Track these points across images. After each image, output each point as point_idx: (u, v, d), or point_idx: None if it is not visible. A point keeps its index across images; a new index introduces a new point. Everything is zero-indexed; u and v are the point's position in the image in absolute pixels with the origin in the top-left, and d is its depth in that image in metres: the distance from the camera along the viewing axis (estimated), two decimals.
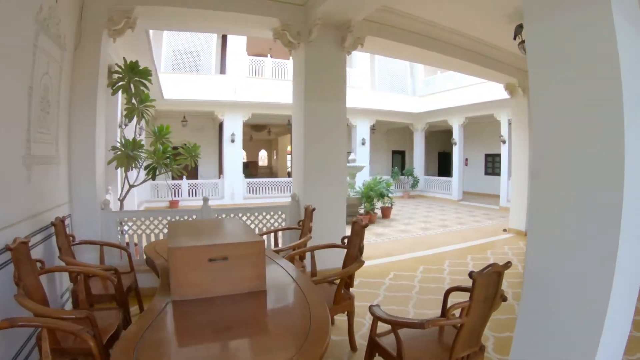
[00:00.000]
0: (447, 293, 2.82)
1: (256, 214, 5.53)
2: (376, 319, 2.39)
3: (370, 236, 9.10)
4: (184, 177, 15.28)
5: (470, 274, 2.04)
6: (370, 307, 2.46)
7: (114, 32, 4.81)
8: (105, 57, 5.01)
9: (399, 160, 22.48)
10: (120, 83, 5.48)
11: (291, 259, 4.07)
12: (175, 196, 15.18)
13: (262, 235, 5.16)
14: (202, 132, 18.07)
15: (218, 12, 5.28)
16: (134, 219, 5.26)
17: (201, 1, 5.15)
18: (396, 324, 2.24)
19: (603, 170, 1.98)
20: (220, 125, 16.05)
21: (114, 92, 5.55)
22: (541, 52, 2.25)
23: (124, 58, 5.60)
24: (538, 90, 2.28)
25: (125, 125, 7.02)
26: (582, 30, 2.03)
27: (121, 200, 6.30)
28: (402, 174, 19.04)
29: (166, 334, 1.99)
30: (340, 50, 5.68)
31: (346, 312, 3.38)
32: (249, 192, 16.14)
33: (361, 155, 16.87)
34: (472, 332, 2.24)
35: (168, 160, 5.99)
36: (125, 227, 5.15)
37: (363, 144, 17.40)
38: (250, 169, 26.89)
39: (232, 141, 15.29)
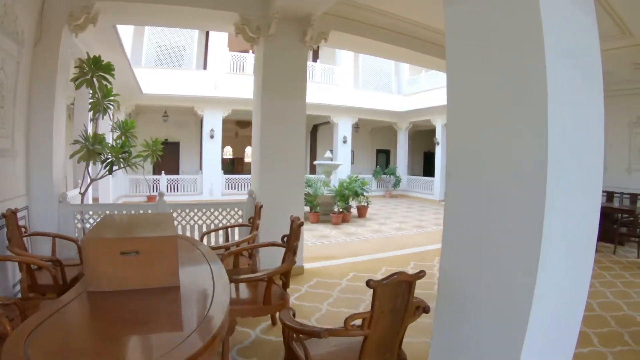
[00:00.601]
0: None
1: (212, 210, 5.44)
2: (282, 324, 2.26)
3: (341, 235, 9.02)
4: (162, 172, 15.20)
5: (368, 283, 1.91)
6: (279, 312, 2.35)
7: (76, 27, 4.82)
8: (67, 52, 5.01)
9: (384, 159, 22.42)
10: (83, 77, 5.45)
11: (236, 257, 3.99)
12: (153, 191, 15.00)
13: (211, 232, 5.06)
14: (184, 128, 17.92)
15: (178, 7, 5.22)
16: (91, 212, 5.18)
17: None
18: (298, 331, 2.12)
19: (524, 168, 1.79)
20: (202, 121, 15.89)
21: (78, 87, 5.52)
22: (458, 38, 2.08)
23: (87, 53, 5.61)
24: (454, 79, 2.11)
25: (97, 119, 6.96)
26: (503, 11, 1.85)
27: (82, 194, 6.20)
28: (384, 173, 18.97)
29: (66, 324, 1.96)
30: (301, 45, 5.54)
31: (278, 313, 3.26)
32: (228, 188, 16.00)
33: (342, 153, 16.79)
34: (382, 345, 2.11)
35: (126, 154, 5.92)
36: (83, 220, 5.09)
37: (345, 142, 17.30)
38: (237, 165, 26.67)
39: (212, 137, 15.14)
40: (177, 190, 15.43)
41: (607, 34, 6.05)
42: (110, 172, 5.95)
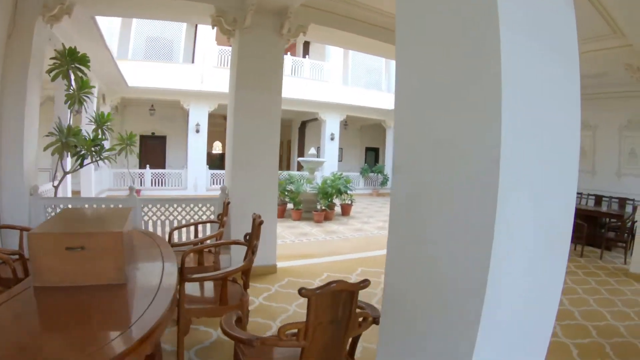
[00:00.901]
0: None
1: (183, 206, 5.33)
2: (220, 328, 2.14)
3: (321, 233, 8.91)
4: (147, 166, 15.04)
5: (300, 291, 1.76)
6: (223, 315, 2.24)
7: (51, 18, 4.74)
8: (41, 43, 4.95)
9: (373, 156, 22.33)
10: (59, 69, 5.32)
11: (201, 254, 3.88)
12: (139, 185, 14.81)
13: (181, 228, 4.95)
14: (172, 122, 17.72)
15: None
16: (62, 206, 5.08)
17: None
18: (232, 338, 2.01)
19: (476, 164, 1.58)
20: (188, 115, 15.72)
21: (53, 79, 5.41)
22: (408, 18, 1.91)
23: (62, 44, 5.50)
24: (402, 63, 1.93)
25: (77, 112, 6.83)
26: None
27: (56, 187, 6.07)
28: (372, 171, 18.88)
29: (3, 319, 1.90)
30: (278, 38, 5.39)
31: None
32: (213, 184, 15.81)
33: (330, 150, 16.68)
34: (325, 356, 1.98)
35: (98, 147, 5.81)
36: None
37: (332, 139, 17.18)
38: (225, 160, 26.45)
39: (197, 131, 14.99)
40: (163, 185, 15.27)
41: (598, 34, 5.98)
42: (82, 165, 5.84)
